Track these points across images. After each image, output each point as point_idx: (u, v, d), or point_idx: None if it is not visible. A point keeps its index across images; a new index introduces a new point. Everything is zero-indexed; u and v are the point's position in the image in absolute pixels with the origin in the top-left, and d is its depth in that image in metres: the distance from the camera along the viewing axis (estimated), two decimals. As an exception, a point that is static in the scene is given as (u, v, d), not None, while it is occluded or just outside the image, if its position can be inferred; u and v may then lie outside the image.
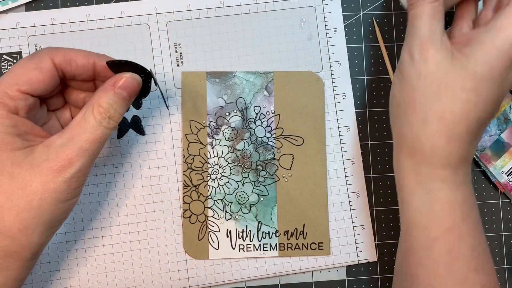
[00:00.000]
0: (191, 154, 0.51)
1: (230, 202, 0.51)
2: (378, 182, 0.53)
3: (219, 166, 0.51)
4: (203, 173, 0.51)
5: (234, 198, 0.51)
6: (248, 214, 0.51)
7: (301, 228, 0.51)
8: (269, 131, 0.52)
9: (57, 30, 0.51)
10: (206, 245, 0.51)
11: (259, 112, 0.52)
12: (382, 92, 0.53)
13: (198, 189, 0.51)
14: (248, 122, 0.52)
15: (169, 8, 0.52)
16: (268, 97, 0.52)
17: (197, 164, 0.51)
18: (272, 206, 0.51)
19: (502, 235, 0.54)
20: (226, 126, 0.51)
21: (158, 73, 0.51)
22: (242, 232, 0.51)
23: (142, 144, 0.51)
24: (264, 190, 0.51)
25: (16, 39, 0.51)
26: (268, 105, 0.52)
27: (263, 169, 0.52)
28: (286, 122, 0.52)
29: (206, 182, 0.51)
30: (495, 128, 0.54)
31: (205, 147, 0.51)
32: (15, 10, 0.51)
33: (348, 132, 0.53)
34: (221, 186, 0.51)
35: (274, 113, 0.52)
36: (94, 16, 0.51)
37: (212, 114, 0.51)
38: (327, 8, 0.53)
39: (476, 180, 0.54)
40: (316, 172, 0.52)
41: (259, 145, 0.52)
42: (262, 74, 0.52)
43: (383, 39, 0.54)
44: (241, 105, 0.52)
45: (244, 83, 0.52)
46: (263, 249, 0.51)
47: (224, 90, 0.51)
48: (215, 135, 0.51)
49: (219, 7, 0.52)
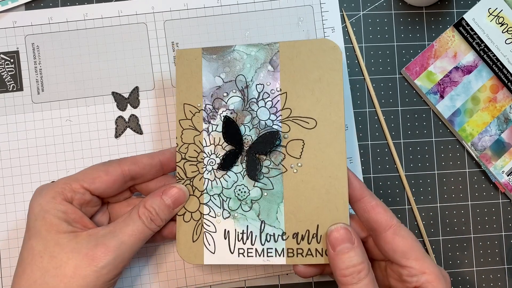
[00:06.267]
0: (185, 142, 0.45)
1: (228, 198, 0.44)
2: (378, 182, 0.53)
3: (216, 156, 0.45)
4: (198, 164, 0.45)
5: (232, 193, 0.44)
6: (249, 212, 0.44)
7: (314, 230, 0.43)
8: (274, 112, 0.44)
9: (54, 29, 0.51)
10: (201, 247, 0.44)
11: (262, 90, 0.44)
12: (382, 92, 0.53)
13: (193, 182, 0.45)
14: (250, 103, 0.44)
15: (166, 7, 0.51)
16: (273, 72, 0.44)
17: (192, 154, 0.45)
18: (278, 202, 0.43)
19: (502, 235, 0.54)
20: (224, 108, 0.45)
21: (155, 72, 0.51)
22: (242, 234, 0.44)
23: (140, 143, 0.51)
24: (268, 183, 0.44)
25: (13, 38, 0.51)
26: (273, 82, 0.44)
27: (267, 158, 0.44)
28: (295, 101, 0.44)
29: (202, 174, 0.45)
30: (495, 128, 0.53)
31: (201, 134, 0.45)
32: (14, 10, 0.51)
33: (346, 131, 0.52)
34: (218, 179, 0.44)
35: (280, 91, 0.44)
36: (92, 15, 0.51)
37: (208, 95, 0.45)
38: (324, 7, 0.52)
39: (476, 180, 0.54)
40: (333, 161, 0.43)
41: (262, 129, 0.44)
42: (266, 46, 0.45)
43: (383, 38, 0.53)
44: (241, 83, 0.45)
45: (245, 58, 0.45)
46: (267, 254, 0.43)
47: (222, 68, 0.45)
48: (212, 119, 0.45)
49: (217, 6, 0.52)
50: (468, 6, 0.54)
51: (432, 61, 0.53)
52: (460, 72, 0.53)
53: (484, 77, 0.53)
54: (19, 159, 0.50)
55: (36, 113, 0.51)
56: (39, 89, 0.51)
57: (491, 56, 0.53)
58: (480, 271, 0.53)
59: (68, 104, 0.51)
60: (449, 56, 0.53)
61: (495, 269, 0.53)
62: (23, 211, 0.50)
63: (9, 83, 0.51)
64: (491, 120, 0.53)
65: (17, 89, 0.51)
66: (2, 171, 0.50)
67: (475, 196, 0.54)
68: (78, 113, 0.51)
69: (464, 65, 0.53)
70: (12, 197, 0.50)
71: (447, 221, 0.53)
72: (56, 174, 0.50)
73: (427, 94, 0.53)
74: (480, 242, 0.54)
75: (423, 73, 0.53)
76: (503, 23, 0.53)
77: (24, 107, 0.51)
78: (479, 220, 0.54)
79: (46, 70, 0.51)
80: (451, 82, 0.53)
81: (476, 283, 0.53)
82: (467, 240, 0.54)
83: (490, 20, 0.53)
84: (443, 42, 0.53)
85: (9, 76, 0.51)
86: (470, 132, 0.53)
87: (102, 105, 0.51)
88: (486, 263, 0.53)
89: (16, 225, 0.50)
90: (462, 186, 0.54)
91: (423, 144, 0.53)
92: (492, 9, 0.53)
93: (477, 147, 0.53)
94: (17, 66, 0.51)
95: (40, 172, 0.50)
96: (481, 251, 0.53)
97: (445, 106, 0.53)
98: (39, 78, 0.51)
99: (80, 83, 0.51)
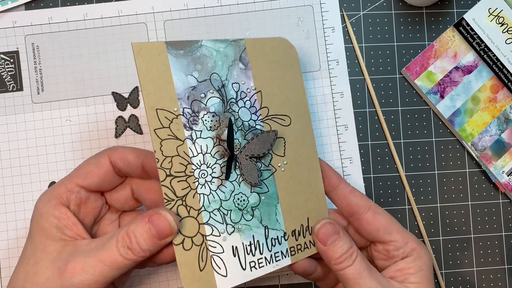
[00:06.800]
0: (167, 155, 0.38)
1: (229, 210, 0.40)
2: (378, 182, 0.53)
3: (207, 166, 0.40)
4: (188, 179, 0.39)
5: (232, 204, 0.41)
6: (251, 220, 0.41)
7: (306, 222, 0.44)
8: (254, 112, 0.42)
9: (54, 29, 0.51)
10: (211, 274, 0.39)
11: (238, 89, 0.42)
12: (382, 92, 0.53)
13: (186, 202, 0.39)
14: (229, 103, 0.42)
15: (166, 7, 0.51)
16: (245, 70, 0.42)
17: (178, 168, 0.39)
18: (275, 204, 0.42)
19: (503, 235, 0.54)
20: (205, 111, 0.40)
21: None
22: (250, 245, 0.41)
23: (140, 143, 0.51)
24: (263, 186, 0.42)
25: (13, 38, 0.51)
26: (247, 80, 0.42)
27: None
28: (270, 99, 0.43)
29: (195, 190, 0.39)
30: (495, 128, 0.53)
31: (184, 143, 0.39)
32: (14, 10, 0.51)
33: (346, 131, 0.52)
34: (214, 192, 0.40)
35: (255, 90, 0.43)
36: (91, 15, 0.51)
37: (184, 97, 0.39)
38: (324, 7, 0.52)
39: (477, 180, 0.54)
40: (308, 154, 0.44)
41: (247, 131, 0.42)
42: (232, 42, 0.42)
43: (383, 38, 0.53)
44: (216, 82, 0.41)
45: (215, 55, 0.41)
46: (276, 259, 0.42)
47: (193, 65, 0.40)
48: (193, 125, 0.40)
49: (217, 6, 0.52)
50: (468, 6, 0.54)
51: (432, 61, 0.53)
52: (460, 72, 0.53)
53: (484, 77, 0.53)
54: (19, 159, 0.50)
55: (36, 113, 0.51)
56: (39, 89, 0.51)
57: (491, 56, 0.53)
58: (480, 271, 0.53)
59: (68, 104, 0.51)
60: (449, 56, 0.53)
61: (495, 269, 0.53)
62: (23, 211, 0.50)
63: (9, 83, 0.51)
64: (491, 120, 0.53)
65: (17, 89, 0.51)
66: (2, 171, 0.50)
67: (475, 196, 0.54)
68: (78, 113, 0.51)
69: (464, 65, 0.53)
70: (11, 197, 0.50)
71: (447, 221, 0.53)
72: (56, 174, 0.50)
73: (427, 94, 0.53)
74: (480, 242, 0.53)
75: (423, 73, 0.53)
76: (503, 23, 0.53)
77: (24, 107, 0.51)
78: (479, 220, 0.54)
79: (46, 70, 0.51)
80: (451, 82, 0.53)
81: (476, 283, 0.53)
82: (467, 240, 0.53)
83: (490, 20, 0.53)
84: (443, 42, 0.53)
85: (9, 76, 0.51)
86: (470, 132, 0.53)
87: (102, 105, 0.51)
88: (486, 263, 0.53)
89: (16, 226, 0.50)
90: (462, 186, 0.54)
91: (423, 144, 0.53)
92: (492, 9, 0.53)
93: (477, 147, 0.53)
94: (17, 66, 0.51)
95: (40, 172, 0.50)
96: (481, 251, 0.53)
97: (445, 106, 0.53)
98: (39, 78, 0.51)
99: (80, 83, 0.51)
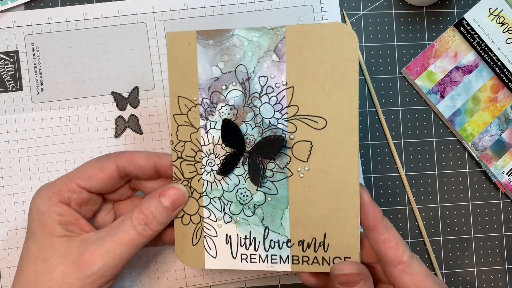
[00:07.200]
0: (181, 140, 0.41)
1: (229, 201, 0.41)
2: (378, 182, 0.53)
3: (215, 156, 0.41)
4: (196, 164, 0.41)
5: (234, 197, 0.41)
6: (252, 217, 0.41)
7: (321, 238, 0.40)
8: (279, 110, 0.40)
9: (54, 29, 0.51)
10: (202, 251, 0.42)
11: (265, 84, 0.40)
12: (382, 92, 0.53)
13: (191, 184, 0.41)
14: (251, 98, 0.40)
15: (166, 7, 0.51)
16: (278, 62, 0.39)
17: (189, 153, 0.41)
18: (283, 208, 0.40)
19: (503, 235, 0.54)
20: (223, 104, 0.40)
21: (155, 72, 0.51)
22: (244, 239, 0.41)
23: (140, 143, 0.51)
24: (273, 187, 0.40)
25: (12, 38, 0.51)
26: (278, 74, 0.39)
27: (271, 160, 0.40)
28: (303, 97, 0.39)
29: (200, 175, 0.41)
30: (496, 128, 0.53)
31: (198, 132, 0.41)
32: (14, 10, 0.51)
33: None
34: (218, 181, 0.41)
35: (287, 86, 0.39)
36: (91, 15, 0.51)
37: (205, 88, 0.40)
38: (324, 6, 0.52)
39: (477, 180, 0.54)
40: (343, 166, 0.39)
41: (265, 128, 0.40)
42: (270, 31, 0.39)
43: (384, 38, 0.53)
44: (241, 75, 0.40)
45: (246, 45, 0.40)
46: (271, 261, 0.41)
47: (220, 56, 0.40)
48: (210, 116, 0.41)
49: (217, 5, 0.52)
50: (468, 6, 0.54)
51: (432, 61, 0.53)
52: (460, 72, 0.53)
53: (484, 77, 0.53)
54: (19, 159, 0.50)
55: (36, 113, 0.51)
56: (39, 89, 0.51)
57: (491, 56, 0.53)
58: (481, 271, 0.53)
59: (68, 104, 0.51)
60: (449, 56, 0.53)
61: (495, 269, 0.53)
62: (23, 211, 0.50)
63: (8, 83, 0.50)
64: (492, 120, 0.53)
65: (16, 89, 0.51)
66: (1, 171, 0.50)
67: (476, 196, 0.54)
68: (77, 113, 0.51)
69: (465, 65, 0.53)
70: (11, 197, 0.50)
71: (447, 221, 0.53)
72: (56, 174, 0.50)
73: (428, 94, 0.53)
74: (481, 242, 0.53)
75: (423, 73, 0.53)
76: (503, 23, 0.53)
77: (23, 107, 0.50)
78: (479, 220, 0.54)
79: (46, 70, 0.51)
80: (451, 82, 0.53)
81: (476, 283, 0.53)
82: (468, 240, 0.53)
83: (491, 20, 0.53)
84: (444, 42, 0.53)
85: (8, 76, 0.50)
86: (471, 132, 0.53)
87: (102, 105, 0.51)
88: (487, 263, 0.53)
89: (16, 226, 0.50)
90: (463, 186, 0.54)
91: (424, 144, 0.53)
92: (493, 9, 0.53)
93: (477, 147, 0.53)
94: (17, 66, 0.51)
95: (40, 172, 0.50)
96: (481, 251, 0.53)
97: (446, 106, 0.53)
98: (39, 78, 0.51)
99: (79, 83, 0.51)
